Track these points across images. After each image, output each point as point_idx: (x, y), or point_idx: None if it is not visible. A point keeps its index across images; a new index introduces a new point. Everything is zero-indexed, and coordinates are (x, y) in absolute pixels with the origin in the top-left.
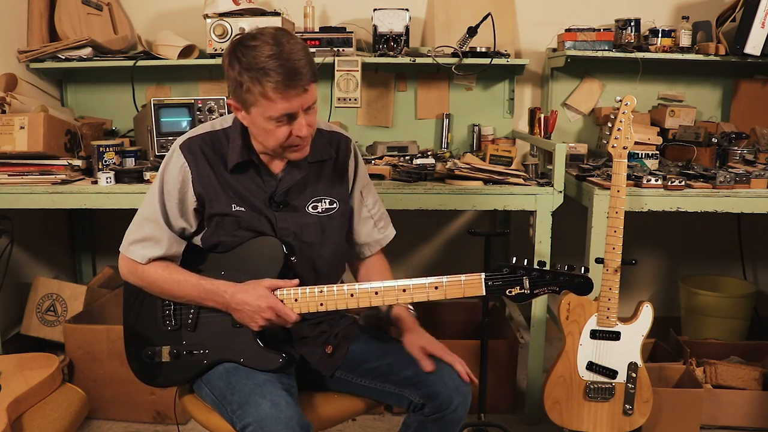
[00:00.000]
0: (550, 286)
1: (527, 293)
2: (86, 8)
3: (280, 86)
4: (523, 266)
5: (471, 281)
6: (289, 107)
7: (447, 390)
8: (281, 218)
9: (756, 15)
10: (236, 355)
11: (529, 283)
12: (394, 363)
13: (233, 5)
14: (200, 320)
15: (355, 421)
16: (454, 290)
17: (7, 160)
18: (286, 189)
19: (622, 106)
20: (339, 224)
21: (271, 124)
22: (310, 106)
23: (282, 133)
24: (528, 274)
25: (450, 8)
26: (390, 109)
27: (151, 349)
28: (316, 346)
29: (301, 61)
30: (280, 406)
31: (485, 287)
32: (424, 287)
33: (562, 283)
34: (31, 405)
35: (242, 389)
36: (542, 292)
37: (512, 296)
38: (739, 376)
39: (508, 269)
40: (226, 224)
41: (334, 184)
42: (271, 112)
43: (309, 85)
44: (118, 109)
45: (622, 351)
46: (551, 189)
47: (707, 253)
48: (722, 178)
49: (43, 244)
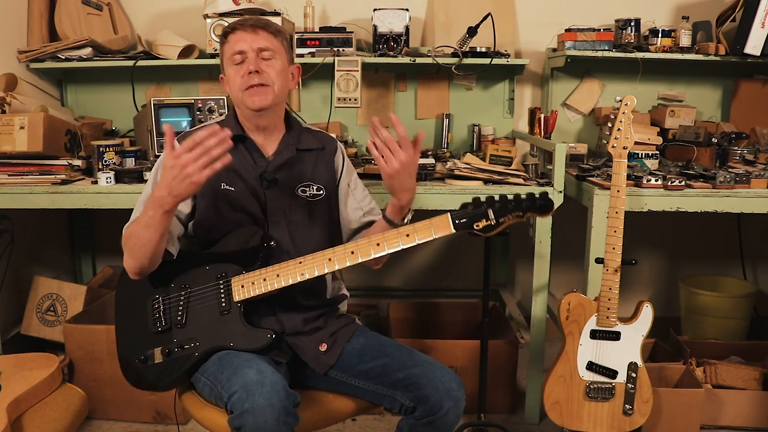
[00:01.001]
0: (514, 212)
1: (493, 223)
2: (86, 8)
3: (237, 29)
4: (486, 200)
5: (439, 222)
6: (239, 43)
7: (438, 394)
8: (271, 197)
9: (756, 15)
10: (225, 340)
11: (493, 212)
12: (387, 365)
13: (233, 5)
14: (189, 315)
15: (355, 421)
16: (424, 233)
17: (7, 160)
18: (277, 167)
19: (622, 106)
20: (326, 210)
21: (232, 69)
22: (265, 50)
23: (239, 73)
24: (491, 206)
25: (450, 8)
26: (390, 109)
27: (143, 354)
28: (310, 342)
29: (266, 20)
30: (266, 373)
31: (453, 224)
32: (396, 236)
33: (525, 207)
34: (31, 405)
35: (230, 366)
36: (507, 220)
37: (480, 229)
38: (739, 376)
39: (471, 205)
40: (216, 205)
41: (321, 172)
42: (228, 53)
43: (265, 32)
44: (118, 109)
45: (622, 351)
46: (551, 189)
47: (707, 253)
48: (722, 178)
49: (43, 244)
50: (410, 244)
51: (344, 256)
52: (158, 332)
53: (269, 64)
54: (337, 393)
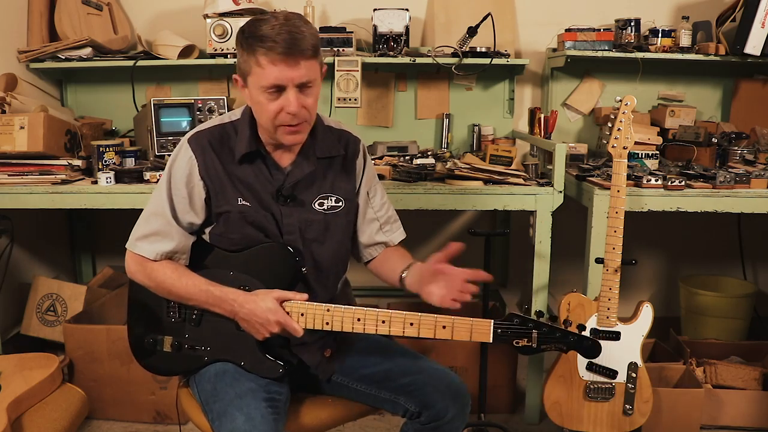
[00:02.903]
0: (558, 344)
1: (534, 347)
2: (86, 8)
3: (272, 54)
4: (533, 320)
5: (480, 326)
6: (279, 77)
7: (444, 400)
8: (287, 213)
9: (756, 15)
10: (237, 358)
11: (537, 337)
12: (391, 370)
13: (233, 5)
14: (204, 317)
15: (355, 421)
16: (462, 333)
17: (7, 160)
18: (294, 183)
19: (622, 106)
20: (343, 223)
21: (263, 96)
22: (305, 84)
23: (273, 107)
24: (537, 329)
25: (450, 8)
26: (390, 109)
27: (153, 337)
28: (314, 349)
29: (302, 36)
30: (255, 421)
31: (493, 335)
32: (433, 324)
33: (570, 344)
34: (31, 405)
35: (223, 398)
36: (549, 348)
37: (519, 347)
38: (739, 376)
39: (518, 320)
40: (232, 220)
41: (342, 182)
42: (262, 82)
43: (305, 60)
44: (118, 109)
45: (622, 351)
46: (551, 189)
47: (707, 253)
48: (722, 178)
49: (43, 244)
50: (444, 338)
51: (374, 324)
52: (171, 322)
53: (308, 94)
54: (339, 396)
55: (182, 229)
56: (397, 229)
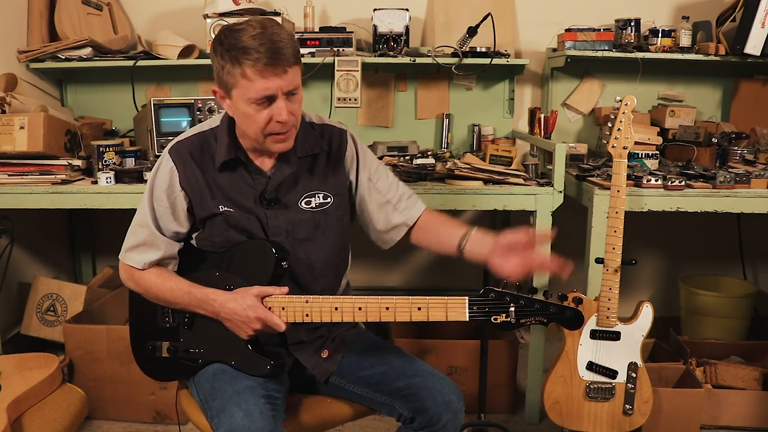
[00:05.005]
0: (537, 317)
1: (512, 322)
2: (86, 8)
3: (259, 65)
4: (512, 293)
5: (455, 305)
6: (268, 88)
7: (436, 406)
8: (272, 216)
9: (756, 15)
10: (228, 358)
11: (515, 312)
12: (386, 373)
13: (233, 5)
14: (196, 320)
15: (355, 421)
16: (438, 313)
17: (7, 160)
18: (277, 186)
19: (622, 106)
20: (334, 219)
21: (252, 107)
22: (292, 91)
23: (262, 117)
24: (515, 302)
25: (450, 8)
26: (390, 109)
27: (152, 343)
28: (312, 350)
29: (283, 43)
30: (253, 416)
31: (468, 312)
32: (408, 307)
33: (551, 315)
34: (31, 405)
35: (222, 396)
36: (528, 322)
37: (498, 324)
38: (739, 376)
39: (494, 294)
40: (216, 224)
41: (328, 178)
42: (250, 94)
43: (290, 67)
44: (118, 109)
45: (622, 351)
46: (551, 189)
47: (707, 253)
48: (722, 178)
49: (43, 244)
50: (420, 319)
51: (351, 312)
52: (166, 327)
53: (294, 101)
54: (336, 398)
55: (167, 239)
56: (414, 204)
